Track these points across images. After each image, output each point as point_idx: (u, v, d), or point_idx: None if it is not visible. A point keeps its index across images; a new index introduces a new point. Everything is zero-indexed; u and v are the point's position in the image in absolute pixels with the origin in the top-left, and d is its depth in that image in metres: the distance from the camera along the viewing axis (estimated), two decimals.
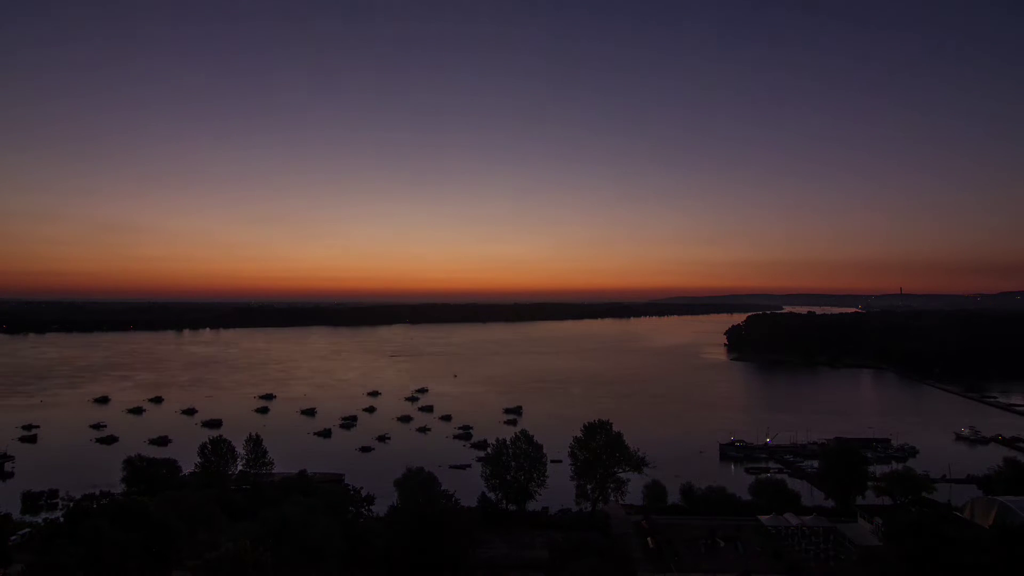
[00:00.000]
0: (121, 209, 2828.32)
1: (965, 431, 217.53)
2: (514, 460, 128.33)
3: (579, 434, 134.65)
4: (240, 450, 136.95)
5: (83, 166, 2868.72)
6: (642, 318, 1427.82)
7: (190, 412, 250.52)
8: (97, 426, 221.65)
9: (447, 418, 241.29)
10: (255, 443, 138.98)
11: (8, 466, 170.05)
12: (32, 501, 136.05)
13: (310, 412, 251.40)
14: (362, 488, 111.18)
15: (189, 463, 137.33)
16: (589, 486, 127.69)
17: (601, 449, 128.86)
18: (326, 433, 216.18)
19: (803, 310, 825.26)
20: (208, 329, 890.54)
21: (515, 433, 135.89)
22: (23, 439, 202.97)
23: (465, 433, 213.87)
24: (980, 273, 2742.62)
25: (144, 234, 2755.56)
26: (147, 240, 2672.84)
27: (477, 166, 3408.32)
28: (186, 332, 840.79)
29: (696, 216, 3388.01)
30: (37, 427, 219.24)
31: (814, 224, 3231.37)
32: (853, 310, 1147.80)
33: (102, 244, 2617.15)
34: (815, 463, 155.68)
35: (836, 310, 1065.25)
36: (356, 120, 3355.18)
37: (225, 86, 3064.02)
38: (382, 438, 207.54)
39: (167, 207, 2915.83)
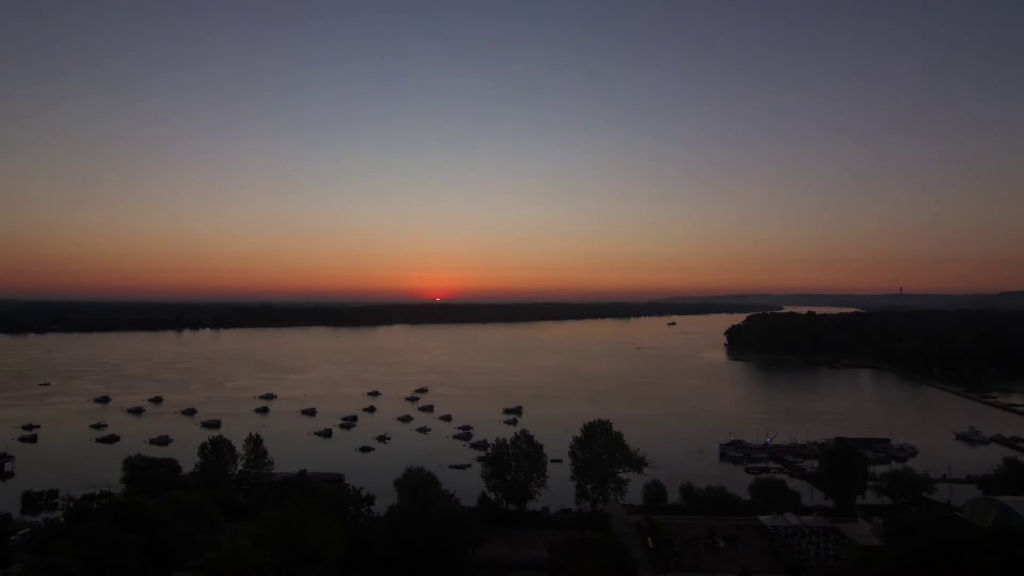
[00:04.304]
0: (120, 209, 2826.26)
1: (965, 431, 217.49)
2: (514, 460, 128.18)
3: (579, 434, 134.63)
4: (240, 450, 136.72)
5: (85, 167, 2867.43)
6: (642, 318, 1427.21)
7: (190, 412, 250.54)
8: (97, 426, 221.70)
9: (447, 418, 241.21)
10: (255, 443, 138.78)
11: (8, 466, 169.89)
12: (32, 501, 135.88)
13: (310, 412, 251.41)
14: (362, 488, 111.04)
15: (189, 463, 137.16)
16: (589, 486, 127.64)
17: (601, 449, 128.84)
18: (326, 433, 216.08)
19: (803, 310, 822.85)
20: (208, 329, 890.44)
21: (515, 433, 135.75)
22: (23, 439, 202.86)
23: (465, 433, 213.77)
24: (981, 273, 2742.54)
25: (143, 233, 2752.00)
26: (147, 240, 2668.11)
27: (478, 166, 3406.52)
28: (186, 332, 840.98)
29: (696, 216, 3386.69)
30: (37, 427, 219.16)
31: (814, 224, 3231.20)
32: (853, 310, 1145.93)
33: (102, 244, 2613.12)
34: (815, 463, 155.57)
35: (836, 310, 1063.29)
36: (358, 119, 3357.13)
37: (228, 88, 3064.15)
38: (382, 438, 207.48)
39: (167, 206, 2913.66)
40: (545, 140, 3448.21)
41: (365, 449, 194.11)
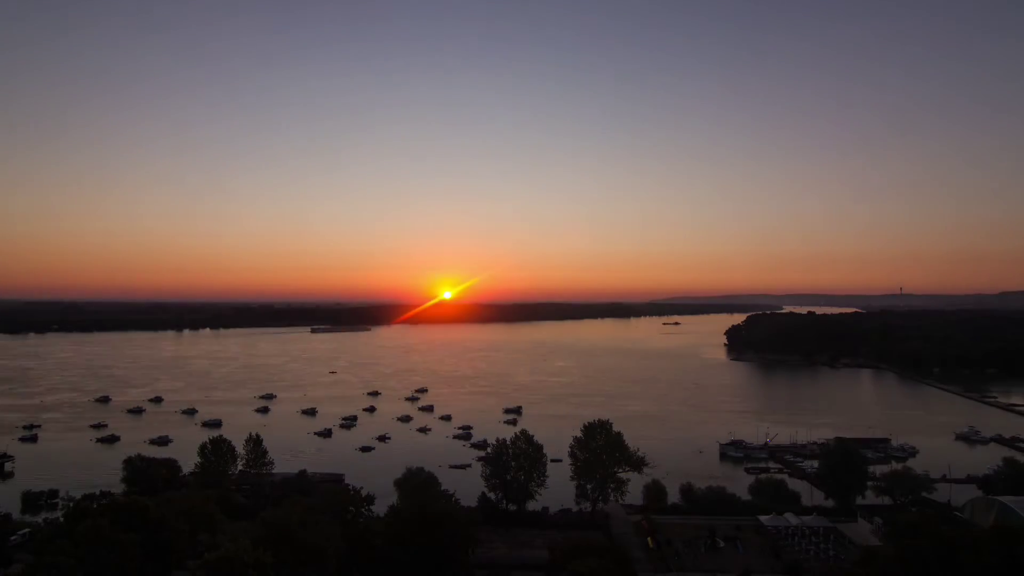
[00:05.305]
0: (121, 209, 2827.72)
1: (965, 431, 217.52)
2: (514, 460, 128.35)
3: (579, 434, 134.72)
4: (240, 450, 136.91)
5: (84, 165, 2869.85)
6: (642, 318, 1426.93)
7: (190, 412, 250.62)
8: (97, 426, 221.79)
9: (447, 418, 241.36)
10: (255, 443, 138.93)
11: (8, 466, 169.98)
12: (32, 501, 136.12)
13: (310, 412, 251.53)
14: (362, 488, 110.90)
15: (189, 463, 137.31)
16: (589, 486, 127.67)
17: (601, 449, 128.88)
18: (326, 433, 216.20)
19: (803, 310, 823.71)
20: (208, 329, 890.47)
21: (515, 433, 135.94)
22: (23, 439, 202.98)
23: (465, 433, 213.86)
24: (980, 272, 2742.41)
25: (144, 234, 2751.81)
26: (147, 240, 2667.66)
27: (477, 165, 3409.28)
28: (186, 332, 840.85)
29: (696, 216, 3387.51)
30: (37, 427, 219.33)
31: (814, 224, 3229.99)
32: (853, 310, 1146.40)
33: (102, 244, 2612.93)
34: (815, 463, 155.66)
35: (836, 310, 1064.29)
36: (360, 119, 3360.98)
37: (228, 88, 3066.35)
38: (382, 438, 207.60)
39: (167, 206, 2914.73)
40: (545, 142, 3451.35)
41: (365, 449, 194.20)
